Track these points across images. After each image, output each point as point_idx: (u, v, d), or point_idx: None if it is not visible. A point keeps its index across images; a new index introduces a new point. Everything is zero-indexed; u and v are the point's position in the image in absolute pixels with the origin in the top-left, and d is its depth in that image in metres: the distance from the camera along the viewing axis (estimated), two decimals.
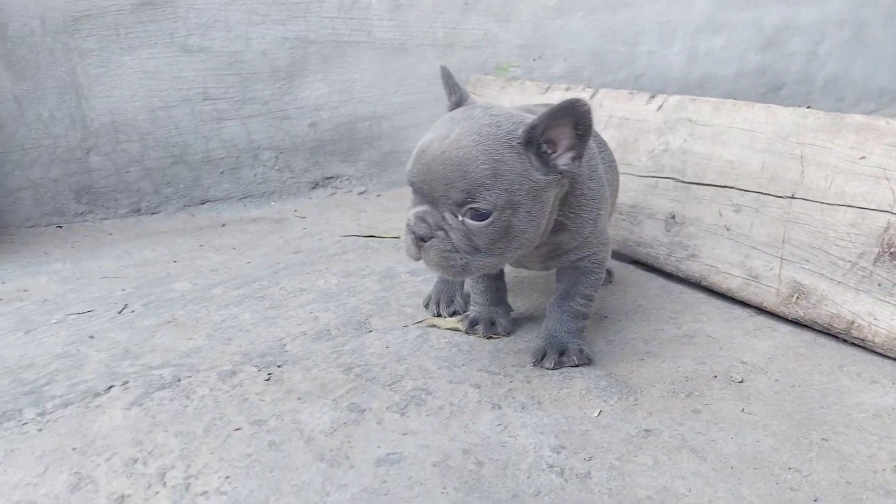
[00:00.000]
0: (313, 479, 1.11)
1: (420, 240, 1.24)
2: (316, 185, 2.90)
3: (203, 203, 2.69)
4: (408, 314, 1.72)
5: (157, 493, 1.08)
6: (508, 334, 1.60)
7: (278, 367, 1.47)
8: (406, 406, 1.31)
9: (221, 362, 1.50)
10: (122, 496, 1.08)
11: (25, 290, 1.95)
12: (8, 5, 2.25)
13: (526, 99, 2.64)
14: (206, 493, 1.08)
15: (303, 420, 1.27)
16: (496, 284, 1.62)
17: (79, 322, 1.72)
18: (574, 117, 1.18)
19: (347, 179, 2.95)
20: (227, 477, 1.12)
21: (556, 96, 2.48)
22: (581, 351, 1.44)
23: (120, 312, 1.78)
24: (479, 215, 1.20)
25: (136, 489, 1.09)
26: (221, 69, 2.59)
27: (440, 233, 1.22)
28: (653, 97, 2.08)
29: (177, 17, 2.49)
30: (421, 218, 1.23)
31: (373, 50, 2.85)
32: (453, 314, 1.69)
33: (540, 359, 1.44)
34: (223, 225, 2.56)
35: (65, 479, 1.12)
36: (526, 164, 1.20)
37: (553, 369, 1.42)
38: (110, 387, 1.40)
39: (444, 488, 1.08)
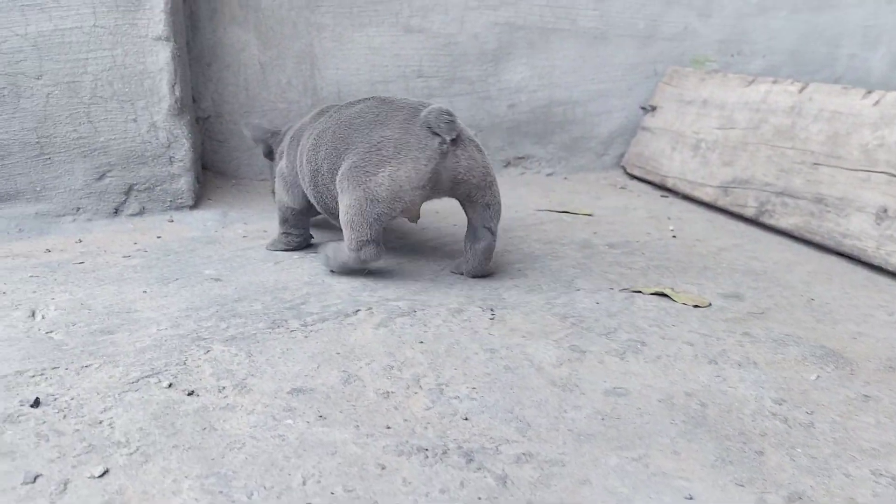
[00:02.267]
0: (549, 399, 1.25)
1: None
2: (508, 164, 3.06)
3: None
4: (611, 279, 1.84)
5: (416, 393, 1.26)
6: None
7: (500, 310, 1.63)
8: (624, 353, 1.43)
9: (448, 301, 1.68)
10: (387, 392, 1.26)
11: (265, 231, 2.22)
12: None
13: (726, 92, 2.67)
14: (457, 397, 1.25)
15: (529, 353, 1.42)
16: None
17: (317, 260, 1.95)
18: None
19: (537, 161, 3.09)
20: (474, 388, 1.28)
21: (762, 89, 2.50)
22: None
23: None
24: None
25: (398, 388, 1.28)
26: (436, 49, 2.80)
27: None
28: (869, 92, 2.07)
29: (402, 0, 2.72)
30: None
31: (574, 38, 2.98)
32: None
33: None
34: None
35: (336, 375, 1.32)
36: None
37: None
38: (357, 310, 1.61)
39: (673, 420, 1.19)
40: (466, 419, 1.18)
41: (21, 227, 2.16)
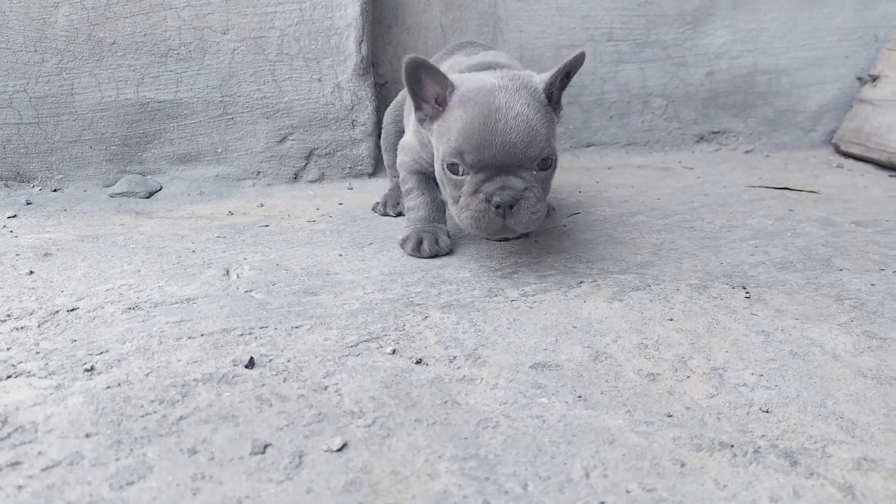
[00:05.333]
0: (866, 393, 0.98)
1: (508, 207, 1.28)
2: (701, 139, 2.75)
3: (588, 146, 2.68)
4: (875, 260, 1.53)
5: (688, 377, 1.03)
6: (451, 252, 1.55)
7: (753, 287, 1.36)
8: None
9: (683, 276, 1.43)
10: (652, 374, 1.04)
11: None
12: None
13: None
14: (745, 384, 1.00)
15: (814, 337, 1.15)
16: (440, 198, 1.61)
17: None
18: (574, 68, 1.39)
19: (735, 136, 2.77)
20: (761, 375, 1.03)
21: None
22: None
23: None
24: (546, 163, 1.35)
25: (662, 370, 1.05)
26: (630, 9, 2.54)
27: (527, 193, 1.30)
28: None
29: None
30: (502, 188, 1.29)
31: None
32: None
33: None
34: (609, 168, 2.52)
35: (581, 351, 1.11)
36: (551, 112, 1.40)
37: None
38: (580, 282, 1.39)
39: None
40: (767, 412, 0.93)
41: (202, 190, 2.09)
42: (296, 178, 2.15)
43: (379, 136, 2.08)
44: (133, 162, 2.06)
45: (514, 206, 1.29)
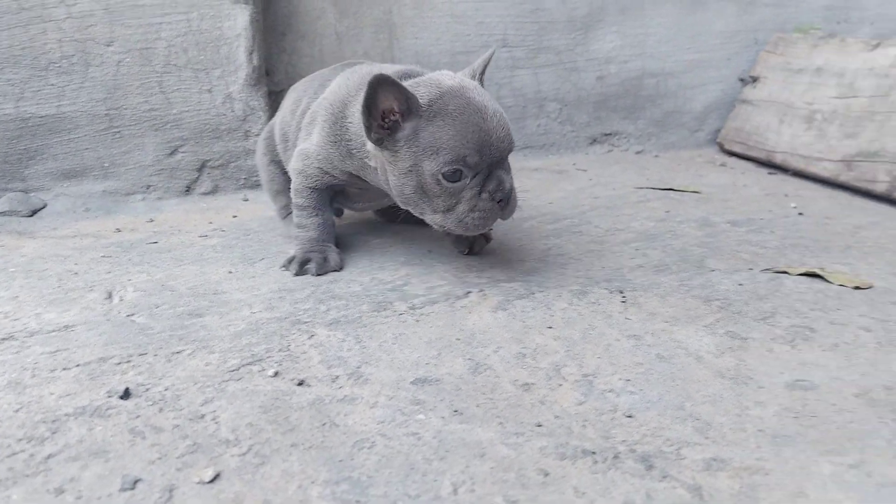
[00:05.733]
0: (723, 393, 1.05)
1: (507, 199, 1.36)
2: (594, 141, 2.84)
3: None
4: (745, 259, 1.62)
5: (560, 385, 1.07)
6: (340, 269, 1.56)
7: (629, 292, 1.43)
8: (793, 340, 1.22)
9: (566, 283, 1.48)
10: (527, 384, 1.08)
11: None
12: None
13: (845, 58, 2.42)
14: (612, 390, 1.06)
15: (681, 340, 1.22)
16: (332, 219, 1.64)
17: (413, 239, 1.78)
18: (488, 65, 1.50)
19: (626, 137, 2.87)
20: (628, 380, 1.09)
21: (891, 53, 2.25)
22: None
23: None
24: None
25: (537, 379, 1.09)
26: (522, 16, 2.60)
27: (512, 182, 1.39)
28: None
29: None
30: (500, 183, 1.35)
31: (671, 3, 2.75)
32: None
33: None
34: None
35: (462, 363, 1.14)
36: None
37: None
38: (468, 292, 1.43)
39: (881, 418, 0.98)
40: (630, 416, 0.99)
41: (88, 206, 2.03)
42: (188, 190, 2.12)
43: None
44: (15, 179, 1.99)
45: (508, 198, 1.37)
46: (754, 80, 2.81)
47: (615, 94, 2.80)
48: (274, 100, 2.46)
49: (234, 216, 1.98)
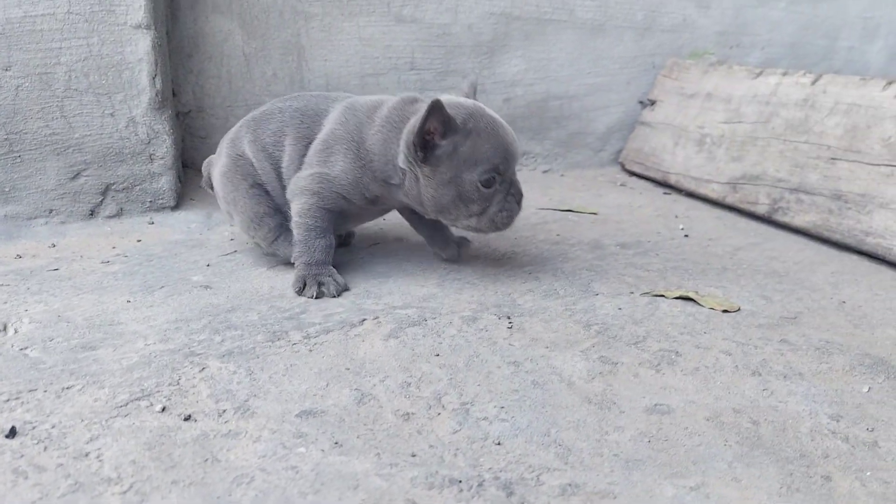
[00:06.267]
0: (587, 419, 1.13)
1: (521, 197, 1.66)
2: None
3: None
4: (629, 283, 1.73)
5: (439, 414, 1.14)
6: (339, 294, 1.63)
7: (517, 317, 1.51)
8: (659, 364, 1.32)
9: (459, 308, 1.55)
10: (407, 414, 1.14)
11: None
12: None
13: (732, 84, 2.58)
14: (486, 418, 1.13)
15: (557, 366, 1.30)
16: (333, 243, 1.71)
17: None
18: None
19: (533, 157, 2.98)
20: (502, 407, 1.16)
21: (771, 81, 2.41)
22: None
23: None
24: None
25: (418, 409, 1.15)
26: (429, 40, 2.67)
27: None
28: (890, 83, 1.99)
29: None
30: (517, 183, 1.65)
31: (572, 29, 2.87)
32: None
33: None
34: None
35: (348, 394, 1.19)
36: None
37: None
38: (363, 319, 1.48)
39: (726, 441, 1.08)
40: (499, 444, 1.06)
41: None
42: (92, 214, 2.11)
43: (180, 168, 2.06)
44: None
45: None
46: (652, 103, 2.95)
47: (522, 115, 2.90)
48: (182, 121, 2.47)
49: (139, 240, 1.99)
